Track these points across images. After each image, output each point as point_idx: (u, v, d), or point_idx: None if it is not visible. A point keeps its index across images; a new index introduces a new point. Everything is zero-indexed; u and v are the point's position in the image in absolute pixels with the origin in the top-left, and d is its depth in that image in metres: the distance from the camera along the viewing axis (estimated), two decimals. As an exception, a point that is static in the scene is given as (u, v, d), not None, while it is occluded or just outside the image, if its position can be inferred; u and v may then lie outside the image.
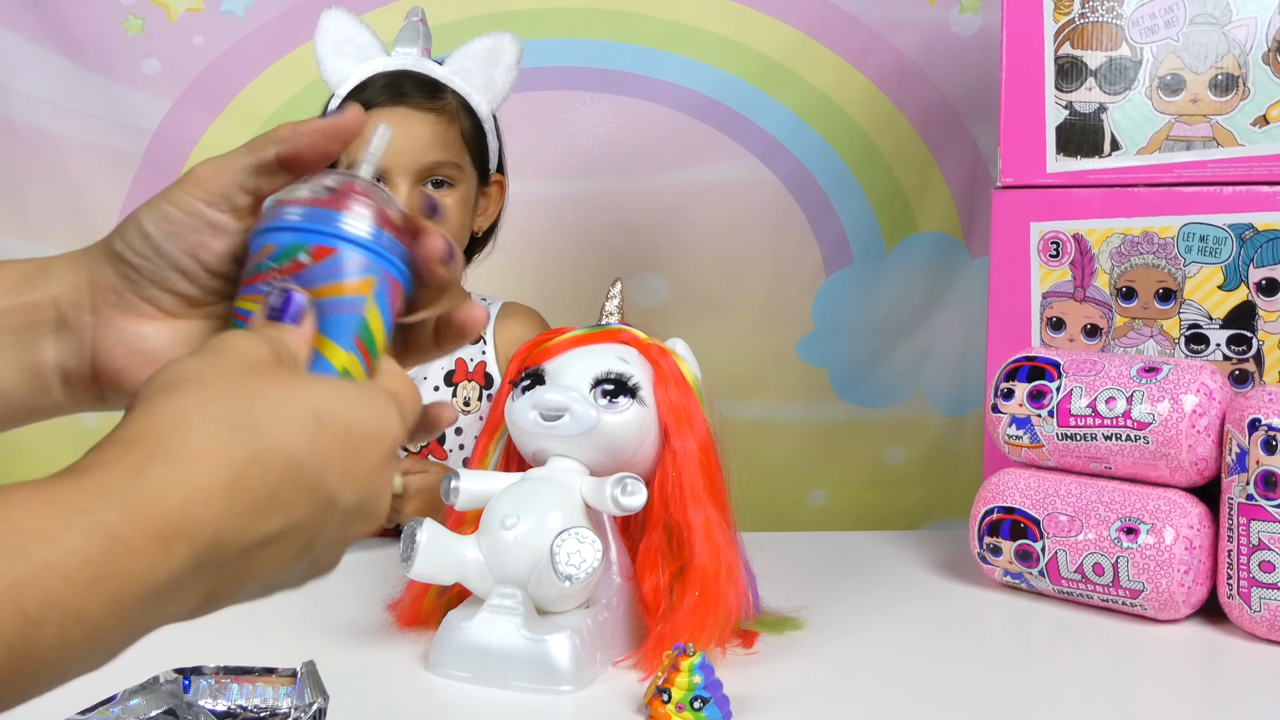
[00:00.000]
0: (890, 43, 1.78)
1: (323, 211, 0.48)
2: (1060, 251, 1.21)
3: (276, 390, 0.42)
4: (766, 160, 1.80)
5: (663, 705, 0.80)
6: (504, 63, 1.34)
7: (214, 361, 0.43)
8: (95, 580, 0.36)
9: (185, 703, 0.70)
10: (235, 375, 0.42)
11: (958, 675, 0.93)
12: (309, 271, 0.47)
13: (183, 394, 0.41)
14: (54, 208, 1.76)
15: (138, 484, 0.38)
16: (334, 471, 0.43)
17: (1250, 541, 0.98)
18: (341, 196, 0.48)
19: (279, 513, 0.41)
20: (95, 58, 1.74)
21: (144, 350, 0.52)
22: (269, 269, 0.47)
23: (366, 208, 0.48)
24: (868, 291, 1.83)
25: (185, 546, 0.38)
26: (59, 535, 0.36)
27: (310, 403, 0.43)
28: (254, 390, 0.42)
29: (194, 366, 0.42)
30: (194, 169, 0.51)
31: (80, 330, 0.52)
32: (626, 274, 1.78)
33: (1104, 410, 1.05)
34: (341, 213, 0.48)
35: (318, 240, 0.47)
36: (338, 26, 1.32)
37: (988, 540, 1.11)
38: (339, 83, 1.32)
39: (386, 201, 0.50)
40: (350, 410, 0.44)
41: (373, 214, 0.48)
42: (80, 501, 0.37)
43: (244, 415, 0.41)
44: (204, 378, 0.42)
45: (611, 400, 0.91)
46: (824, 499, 1.87)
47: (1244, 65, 1.13)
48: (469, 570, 0.90)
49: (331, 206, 0.48)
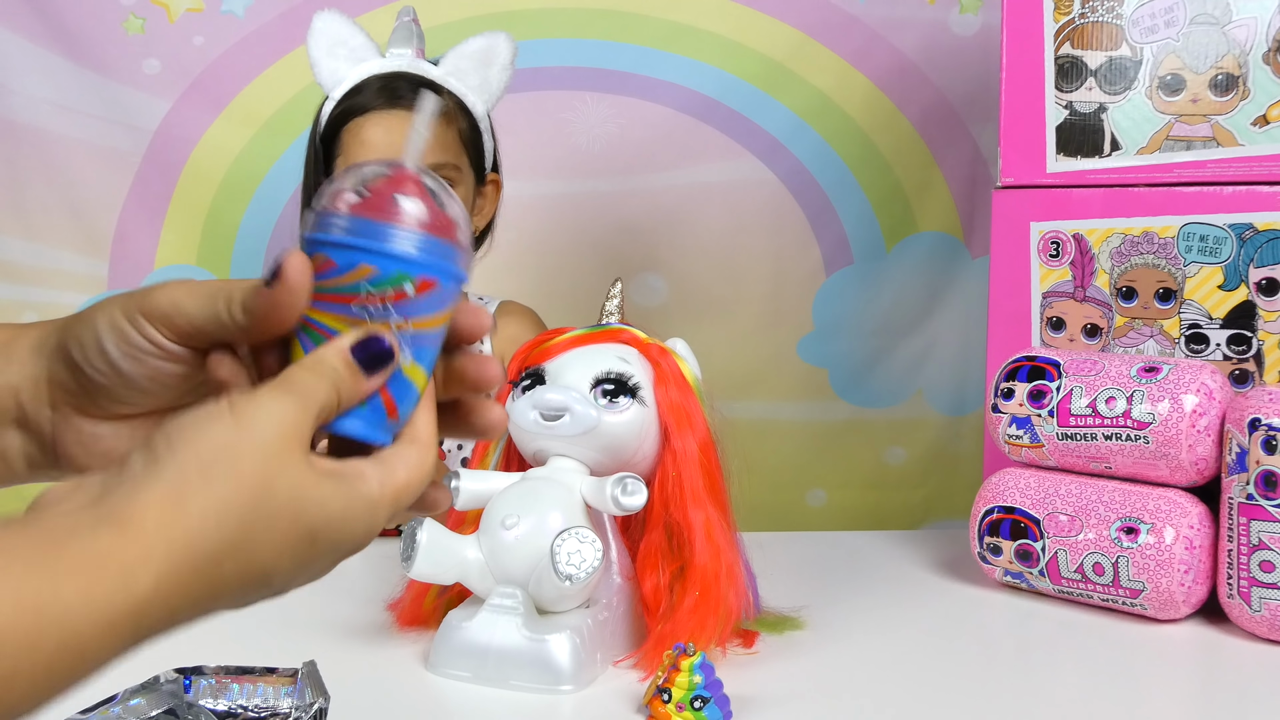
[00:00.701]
0: (890, 43, 1.78)
1: (435, 242, 0.46)
2: (1060, 251, 1.21)
3: (291, 505, 0.42)
4: (766, 160, 1.80)
5: (663, 705, 0.80)
6: (499, 62, 1.34)
7: (250, 447, 0.42)
8: (49, 684, 0.37)
9: (186, 703, 0.70)
10: (261, 480, 0.41)
11: (958, 675, 0.93)
12: (411, 304, 0.46)
13: (208, 491, 0.40)
14: (54, 208, 1.76)
15: (123, 597, 0.38)
16: (298, 575, 0.44)
17: (1250, 541, 0.98)
18: (446, 226, 0.47)
19: (226, 600, 0.42)
20: (95, 58, 1.74)
21: (103, 450, 0.51)
22: (368, 293, 0.46)
23: (462, 230, 0.48)
24: (868, 291, 1.83)
25: (134, 642, 0.40)
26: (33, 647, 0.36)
27: (313, 524, 0.43)
28: (270, 508, 0.42)
29: (228, 453, 0.41)
30: (159, 295, 0.48)
31: (40, 424, 0.51)
32: (626, 274, 1.78)
33: (1104, 410, 1.05)
34: (451, 246, 0.47)
35: (424, 273, 0.46)
36: (331, 29, 1.32)
37: (988, 540, 1.11)
38: (333, 85, 1.32)
39: (462, 213, 0.49)
40: (343, 527, 0.44)
41: (464, 239, 0.48)
42: (64, 612, 0.37)
43: (248, 538, 0.41)
44: (232, 474, 0.41)
45: (612, 400, 0.91)
46: (824, 499, 1.87)
47: (1244, 65, 1.13)
48: (469, 570, 0.90)
49: (440, 235, 0.46)
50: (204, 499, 0.40)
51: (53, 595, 0.37)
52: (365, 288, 0.46)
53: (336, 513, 0.43)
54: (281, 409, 0.43)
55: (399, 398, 0.47)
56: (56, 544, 0.38)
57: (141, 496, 0.40)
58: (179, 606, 0.40)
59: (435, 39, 1.40)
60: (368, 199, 0.46)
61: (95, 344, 0.48)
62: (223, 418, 0.42)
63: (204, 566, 0.40)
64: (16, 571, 0.37)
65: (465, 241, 0.48)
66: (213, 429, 0.41)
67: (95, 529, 0.39)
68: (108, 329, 0.48)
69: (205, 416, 0.42)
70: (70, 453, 0.51)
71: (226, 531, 0.40)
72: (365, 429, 0.47)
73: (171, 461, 0.40)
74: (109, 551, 0.38)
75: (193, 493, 0.40)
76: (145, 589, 0.38)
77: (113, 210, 1.76)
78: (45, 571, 0.37)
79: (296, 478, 0.42)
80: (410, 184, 0.47)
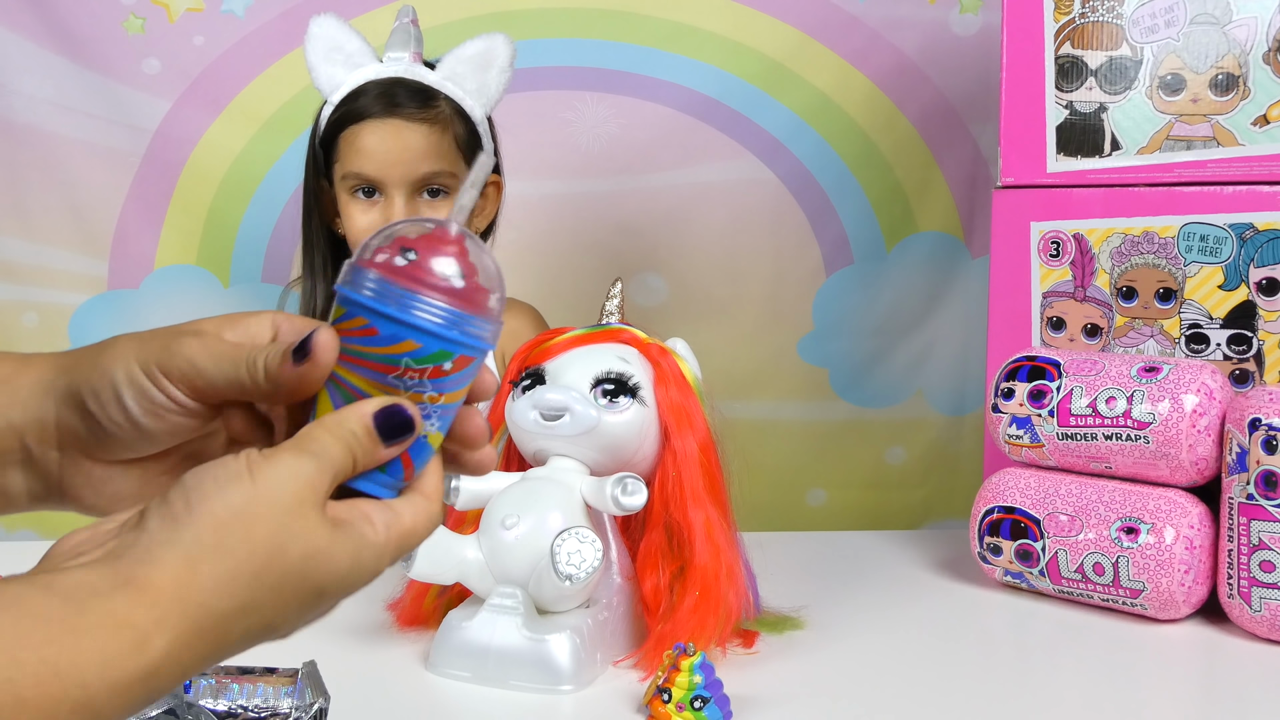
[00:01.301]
0: (890, 43, 1.78)
1: (474, 320, 0.46)
2: (1060, 251, 1.21)
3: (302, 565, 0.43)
4: (766, 160, 1.80)
5: (663, 705, 0.80)
6: (497, 65, 1.33)
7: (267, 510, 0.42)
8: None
9: (185, 703, 0.70)
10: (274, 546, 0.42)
11: (958, 675, 0.93)
12: (448, 380, 0.46)
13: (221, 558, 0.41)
14: (54, 208, 1.76)
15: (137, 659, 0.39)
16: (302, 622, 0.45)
17: (1250, 541, 0.98)
18: (485, 299, 0.47)
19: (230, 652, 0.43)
20: (95, 58, 1.74)
21: (112, 493, 0.51)
22: (407, 366, 0.46)
23: (499, 302, 0.48)
24: (868, 291, 1.83)
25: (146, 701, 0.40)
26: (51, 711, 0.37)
27: (322, 582, 0.43)
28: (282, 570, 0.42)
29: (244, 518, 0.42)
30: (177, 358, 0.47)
31: (46, 466, 0.50)
32: (626, 274, 1.78)
33: (1104, 410, 1.05)
34: (487, 320, 0.47)
35: (464, 352, 0.46)
36: (327, 34, 1.31)
37: (988, 540, 1.11)
38: (331, 90, 1.31)
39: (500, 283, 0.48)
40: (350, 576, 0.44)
41: (499, 310, 0.48)
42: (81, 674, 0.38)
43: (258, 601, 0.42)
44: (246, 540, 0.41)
45: (612, 400, 0.91)
46: (824, 499, 1.87)
47: (1244, 65, 1.13)
48: (469, 570, 0.90)
49: (480, 313, 0.46)
50: (218, 566, 0.41)
51: (71, 659, 0.38)
52: (406, 361, 0.46)
53: (344, 566, 0.44)
54: (298, 470, 0.43)
55: (418, 462, 0.47)
56: (76, 605, 0.39)
57: (158, 560, 0.40)
58: (189, 665, 0.41)
59: (434, 39, 1.39)
60: (412, 266, 0.45)
61: (114, 398, 0.48)
62: (241, 479, 0.42)
63: (214, 629, 0.41)
64: (39, 634, 0.37)
65: (499, 309, 0.48)
66: (230, 492, 0.42)
67: (112, 593, 0.39)
68: (127, 384, 0.48)
69: (225, 478, 0.42)
70: (78, 494, 0.51)
71: (238, 597, 0.41)
72: (381, 488, 0.47)
73: (190, 526, 0.41)
74: (126, 616, 0.39)
75: (207, 559, 0.41)
76: (158, 653, 0.39)
77: (113, 210, 1.76)
78: (66, 633, 0.38)
79: (309, 539, 0.43)
80: (456, 251, 0.46)
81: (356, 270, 0.46)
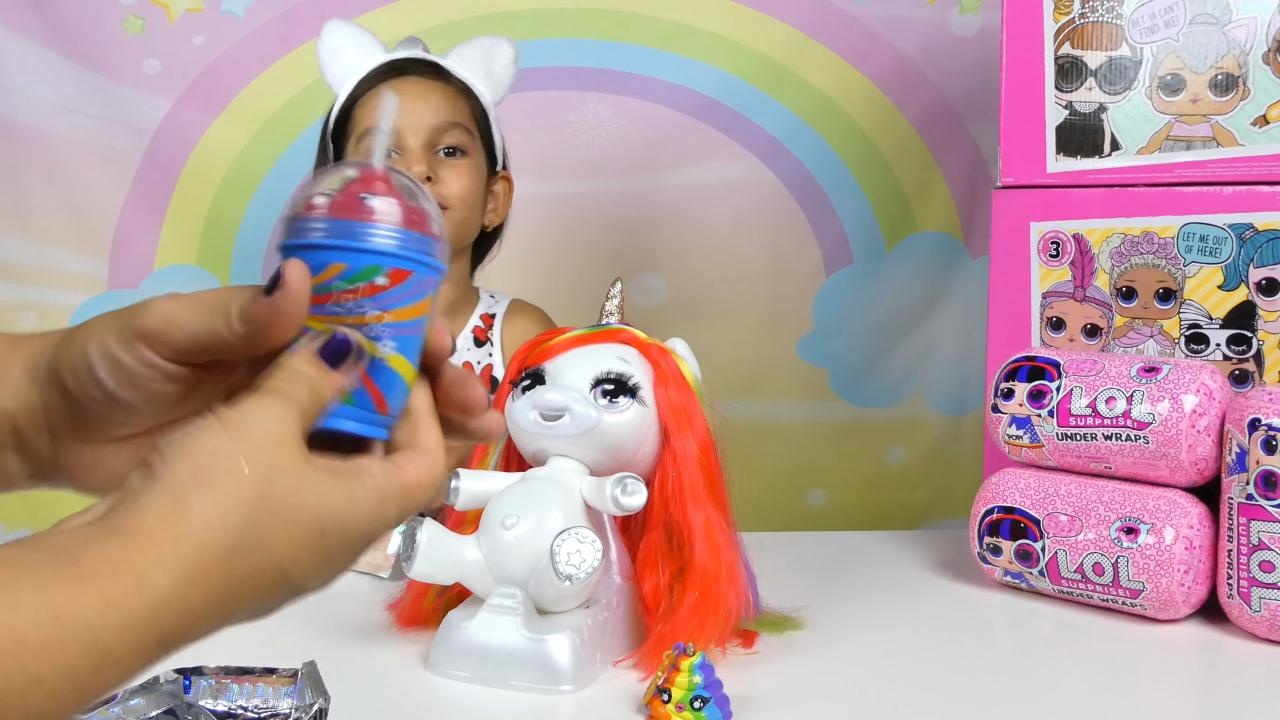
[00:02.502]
0: (890, 43, 1.78)
1: (404, 234, 0.47)
2: (1060, 251, 1.21)
3: (294, 497, 0.43)
4: (766, 160, 1.80)
5: (663, 705, 0.80)
6: (502, 60, 1.37)
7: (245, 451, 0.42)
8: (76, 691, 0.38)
9: (185, 703, 0.70)
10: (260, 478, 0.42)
11: (958, 675, 0.93)
12: (387, 295, 0.47)
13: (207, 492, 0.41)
14: (54, 208, 1.76)
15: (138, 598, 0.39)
16: (316, 571, 0.44)
17: (1250, 541, 0.98)
18: (417, 217, 0.47)
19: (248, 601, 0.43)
20: (95, 58, 1.74)
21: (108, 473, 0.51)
22: (340, 289, 0.46)
23: (434, 222, 0.48)
24: (868, 291, 1.83)
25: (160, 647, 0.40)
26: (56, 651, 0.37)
27: (319, 515, 0.43)
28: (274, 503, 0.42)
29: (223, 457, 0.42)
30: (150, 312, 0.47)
31: (39, 450, 0.51)
32: (626, 274, 1.78)
33: (1104, 410, 1.05)
34: (423, 236, 0.47)
35: (396, 264, 0.46)
36: (340, 35, 1.35)
37: (988, 540, 1.11)
38: (344, 81, 1.34)
39: (434, 207, 0.49)
40: (352, 518, 0.44)
41: (438, 230, 0.48)
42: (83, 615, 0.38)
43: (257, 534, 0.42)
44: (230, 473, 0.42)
45: (611, 400, 0.91)
46: (824, 499, 1.87)
47: (1244, 65, 1.13)
48: (469, 570, 0.90)
49: (410, 227, 0.47)
50: (203, 500, 0.41)
51: (69, 601, 0.37)
52: (337, 284, 0.46)
53: (341, 505, 0.44)
54: (268, 411, 0.43)
55: (386, 389, 0.47)
56: (69, 555, 0.39)
57: (144, 507, 0.40)
58: (199, 608, 0.40)
59: (435, 39, 1.40)
60: (336, 200, 0.47)
61: (87, 371, 0.48)
62: (212, 428, 0.42)
63: (215, 564, 0.41)
64: (33, 582, 0.37)
65: (438, 233, 0.48)
66: (204, 438, 0.42)
67: (104, 539, 0.39)
68: (99, 355, 0.47)
69: (195, 429, 0.43)
70: (74, 475, 0.51)
71: (232, 529, 0.41)
72: (356, 423, 0.47)
73: (167, 472, 0.41)
74: (120, 557, 0.39)
75: (191, 496, 0.41)
76: (160, 589, 0.39)
77: (113, 210, 1.76)
78: (61, 580, 0.38)
79: (295, 475, 0.43)
80: (378, 182, 0.47)
81: (285, 221, 0.48)
